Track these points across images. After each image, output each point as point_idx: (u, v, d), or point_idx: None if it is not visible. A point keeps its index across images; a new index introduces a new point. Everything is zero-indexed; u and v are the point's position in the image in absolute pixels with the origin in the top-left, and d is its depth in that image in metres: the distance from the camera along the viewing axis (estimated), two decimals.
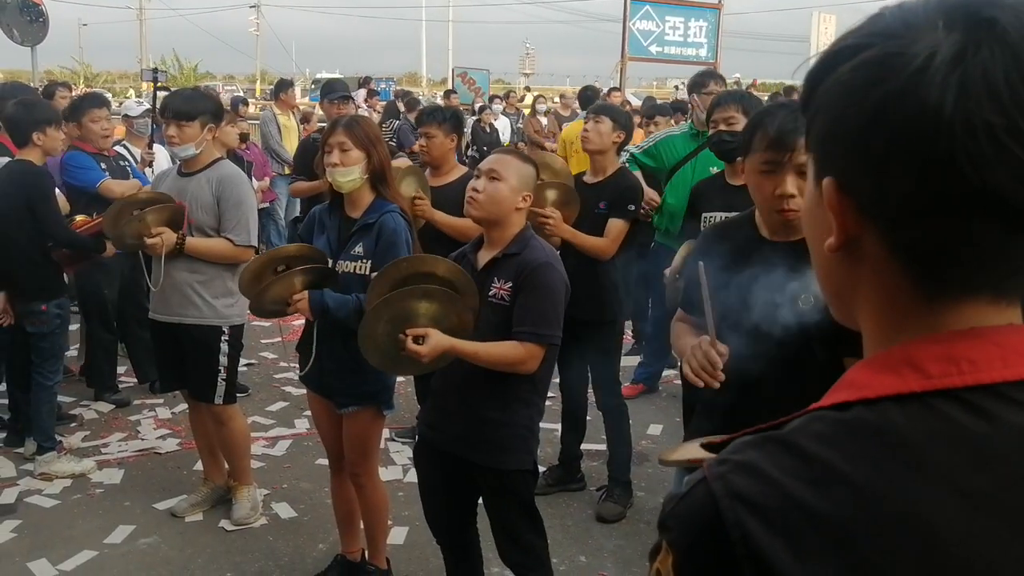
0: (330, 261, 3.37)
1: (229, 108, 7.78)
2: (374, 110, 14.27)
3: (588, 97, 11.80)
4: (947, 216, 0.67)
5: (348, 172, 3.29)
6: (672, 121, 7.87)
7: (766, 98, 17.47)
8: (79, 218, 4.89)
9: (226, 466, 4.37)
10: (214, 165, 4.04)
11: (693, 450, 2.26)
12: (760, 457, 0.70)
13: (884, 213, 0.70)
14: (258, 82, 52.57)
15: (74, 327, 5.72)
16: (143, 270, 5.65)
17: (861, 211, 0.72)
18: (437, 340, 2.72)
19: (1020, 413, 0.67)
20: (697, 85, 5.40)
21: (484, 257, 2.96)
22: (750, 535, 0.66)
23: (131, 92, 35.72)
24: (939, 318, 0.72)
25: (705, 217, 4.02)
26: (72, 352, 6.15)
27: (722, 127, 3.94)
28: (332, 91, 6.94)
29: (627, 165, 5.08)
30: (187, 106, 3.97)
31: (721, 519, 0.68)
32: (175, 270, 3.99)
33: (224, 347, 4.05)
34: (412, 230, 3.39)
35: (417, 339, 2.72)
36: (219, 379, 4.05)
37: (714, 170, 4.53)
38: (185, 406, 4.65)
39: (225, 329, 4.06)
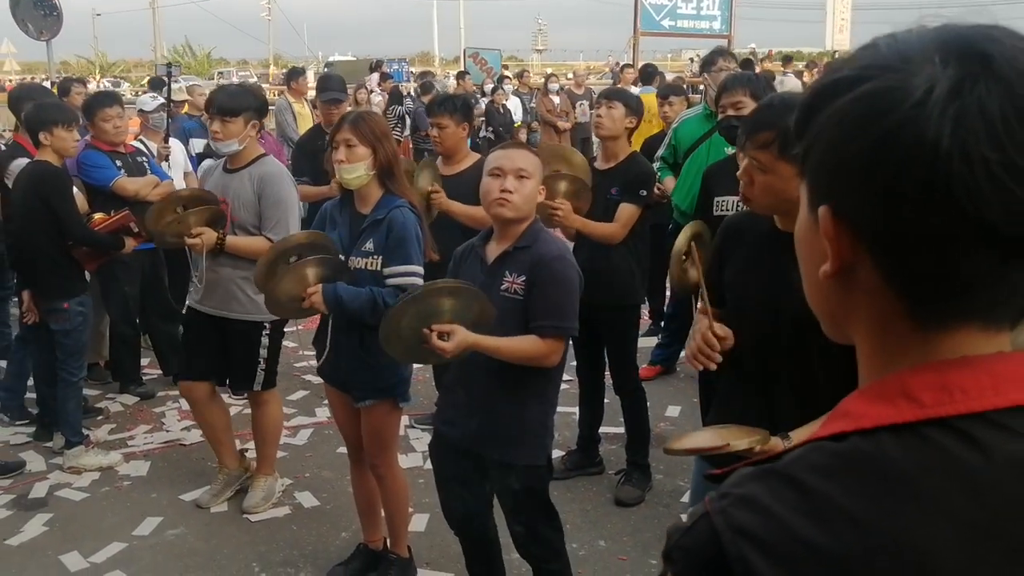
0: (342, 258, 3.40)
1: None
2: (387, 93, 14.26)
3: (649, 74, 11.82)
4: (943, 246, 0.69)
5: (354, 169, 3.31)
6: (686, 100, 7.81)
7: (782, 68, 17.32)
8: (97, 216, 4.96)
9: (237, 449, 4.48)
10: (257, 162, 4.09)
11: (699, 439, 2.30)
12: (761, 491, 0.71)
13: (880, 242, 0.72)
14: (271, 67, 52.55)
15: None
16: (163, 264, 5.76)
17: (857, 239, 0.73)
18: (462, 337, 2.73)
19: (1011, 440, 0.69)
20: (708, 64, 5.41)
21: (494, 251, 2.96)
22: (753, 569, 0.68)
23: (146, 81, 35.85)
24: (931, 346, 0.73)
25: (717, 200, 4.01)
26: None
27: (730, 111, 3.93)
28: (325, 89, 6.36)
29: (660, 174, 5.11)
30: (231, 102, 4.02)
31: (724, 553, 0.70)
32: (219, 266, 4.08)
33: (264, 340, 4.16)
34: (422, 224, 3.41)
35: (441, 335, 2.75)
36: (259, 369, 4.18)
37: (729, 150, 4.52)
38: None
39: (267, 324, 4.15)
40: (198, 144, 7.33)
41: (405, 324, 2.81)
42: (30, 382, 5.34)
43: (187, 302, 4.31)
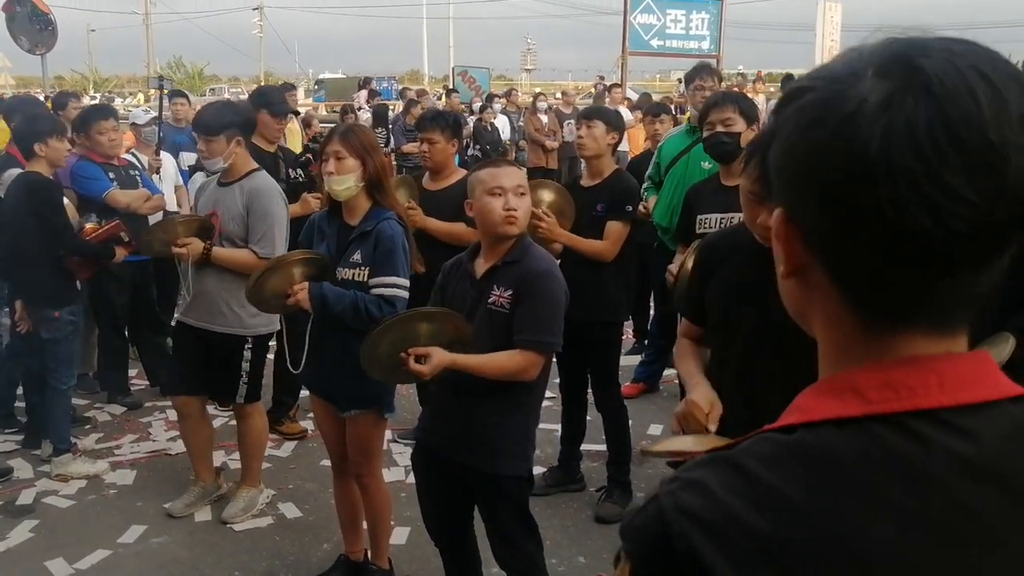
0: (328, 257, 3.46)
1: None
2: (373, 112, 14.38)
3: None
4: (875, 254, 0.71)
5: (343, 180, 3.37)
6: (674, 120, 7.89)
7: (772, 89, 17.35)
8: (88, 226, 5.01)
9: (215, 465, 4.53)
10: (248, 176, 4.15)
11: (678, 444, 2.35)
12: (708, 476, 0.74)
13: (822, 246, 0.75)
14: (262, 84, 52.56)
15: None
16: (152, 277, 5.82)
17: (805, 242, 0.77)
18: (439, 358, 2.81)
19: (954, 438, 0.71)
20: (688, 80, 5.47)
21: (483, 265, 3.00)
22: (694, 548, 0.70)
23: (140, 96, 35.85)
24: (878, 346, 0.76)
25: (700, 219, 4.05)
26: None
27: (719, 128, 3.93)
28: (269, 104, 5.33)
29: (646, 194, 5.16)
30: (212, 121, 4.10)
31: (669, 532, 0.72)
32: (205, 278, 4.12)
33: (247, 354, 4.19)
34: (409, 236, 3.46)
35: (419, 358, 2.82)
36: (241, 383, 4.21)
37: (706, 165, 4.55)
38: None
39: (250, 338, 4.19)
40: (188, 157, 7.39)
41: (383, 351, 2.89)
42: (19, 391, 5.36)
43: (175, 315, 4.33)
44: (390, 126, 12.97)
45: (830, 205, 0.72)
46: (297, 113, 6.31)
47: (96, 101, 15.81)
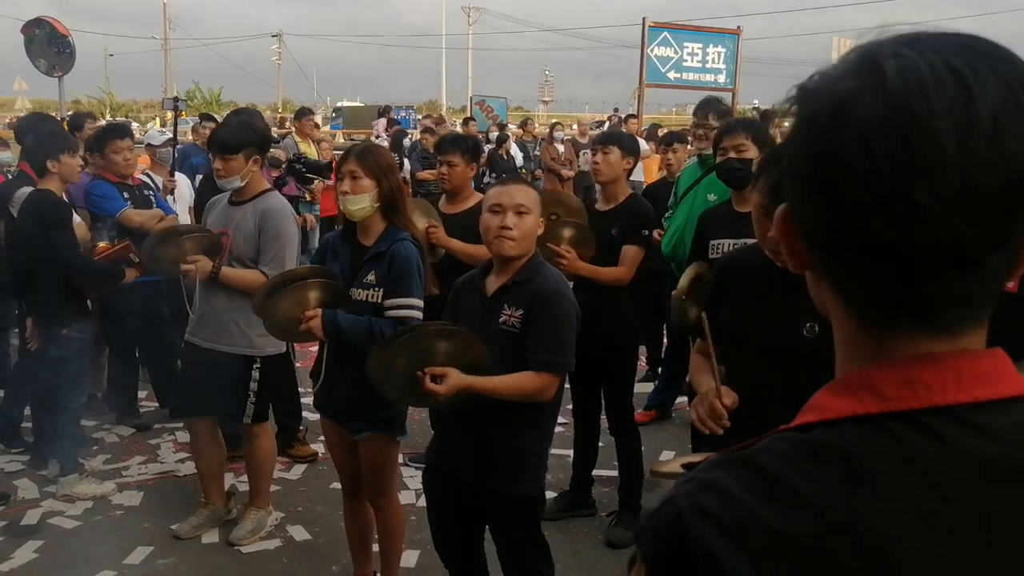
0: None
1: None
2: (391, 138, 14.43)
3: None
4: (849, 252, 0.72)
5: (359, 200, 3.33)
6: (689, 147, 7.87)
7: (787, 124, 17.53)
8: (101, 244, 5.01)
9: (226, 489, 4.47)
10: (261, 196, 4.13)
11: (687, 462, 2.32)
12: (725, 476, 0.73)
13: (812, 243, 0.76)
14: (280, 111, 53.14)
15: None
16: (164, 298, 5.80)
17: (803, 238, 0.77)
18: (456, 380, 2.76)
19: (971, 435, 0.70)
20: (694, 114, 5.44)
21: (494, 284, 2.98)
22: (712, 549, 0.70)
23: (156, 121, 36.21)
24: (881, 344, 0.75)
25: (713, 245, 4.03)
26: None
27: (731, 154, 3.92)
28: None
29: (668, 223, 5.14)
30: (232, 139, 4.07)
31: (685, 533, 0.72)
32: (214, 297, 4.09)
33: (255, 374, 4.15)
34: (424, 258, 3.44)
35: (435, 378, 2.77)
36: (248, 403, 4.16)
37: (711, 197, 4.56)
38: None
39: (258, 359, 4.15)
40: None
41: (399, 366, 2.83)
42: (27, 411, 5.34)
43: (185, 336, 4.29)
44: (407, 153, 13.00)
45: (810, 204, 0.73)
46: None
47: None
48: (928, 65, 0.68)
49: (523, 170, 13.80)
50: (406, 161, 12.52)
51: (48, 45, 12.95)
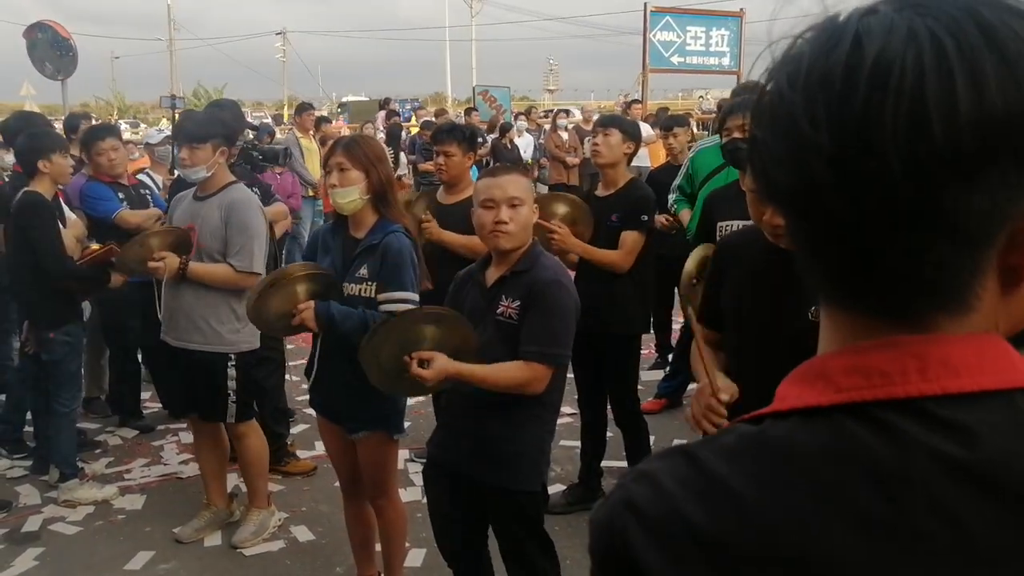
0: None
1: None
2: (387, 131, 14.34)
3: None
4: (799, 225, 0.67)
5: (347, 193, 3.23)
6: (691, 132, 7.77)
7: None
8: (93, 246, 4.91)
9: (228, 491, 4.38)
10: (226, 189, 4.02)
11: None
12: (661, 467, 0.69)
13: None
14: (285, 108, 53.20)
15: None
16: (154, 297, 5.72)
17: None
18: (442, 365, 2.69)
19: (932, 432, 0.62)
20: (725, 115, 5.28)
21: (492, 275, 2.92)
22: (630, 542, 0.67)
23: (164, 121, 36.27)
24: (845, 331, 0.68)
25: (721, 226, 3.96)
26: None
27: (736, 134, 3.84)
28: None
29: (676, 207, 5.04)
30: (199, 129, 3.98)
31: (612, 526, 0.69)
32: (182, 295, 3.98)
33: (231, 371, 4.04)
34: (417, 249, 3.34)
35: (422, 363, 2.70)
36: (229, 401, 4.06)
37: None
38: None
39: (232, 355, 4.04)
40: None
41: (386, 352, 2.78)
42: (28, 416, 5.29)
43: (160, 335, 4.17)
44: (406, 145, 12.90)
45: (771, 173, 0.69)
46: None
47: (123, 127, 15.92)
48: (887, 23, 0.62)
49: (531, 160, 13.69)
50: (402, 155, 12.44)
51: (51, 48, 12.93)
